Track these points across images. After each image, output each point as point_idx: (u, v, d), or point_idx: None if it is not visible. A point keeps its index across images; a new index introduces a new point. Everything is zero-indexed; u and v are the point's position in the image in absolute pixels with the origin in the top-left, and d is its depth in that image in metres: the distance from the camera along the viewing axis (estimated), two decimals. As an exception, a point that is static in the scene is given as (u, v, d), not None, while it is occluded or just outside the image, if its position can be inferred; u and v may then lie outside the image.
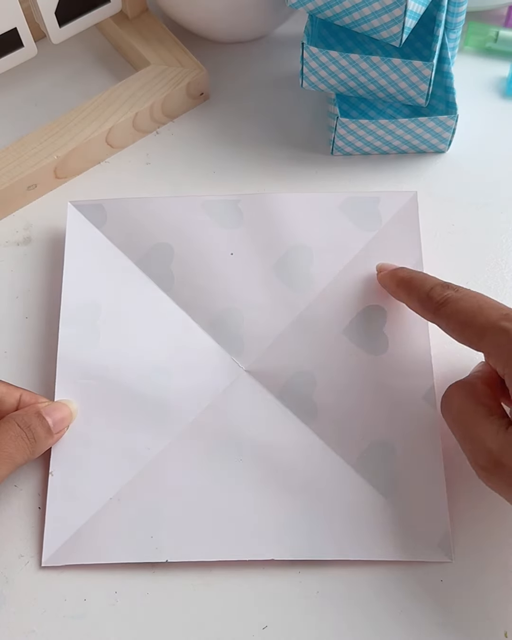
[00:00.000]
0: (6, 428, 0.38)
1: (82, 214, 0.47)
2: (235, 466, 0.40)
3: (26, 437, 0.39)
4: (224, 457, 0.41)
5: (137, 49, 0.53)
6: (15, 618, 0.38)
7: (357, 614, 0.38)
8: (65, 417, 0.41)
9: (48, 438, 0.40)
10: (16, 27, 0.46)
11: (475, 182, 0.51)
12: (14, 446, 0.38)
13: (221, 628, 0.38)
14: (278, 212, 0.47)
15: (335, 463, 0.40)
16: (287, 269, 0.46)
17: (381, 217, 0.47)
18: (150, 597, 0.39)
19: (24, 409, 0.40)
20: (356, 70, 0.48)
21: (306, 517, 0.39)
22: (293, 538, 0.39)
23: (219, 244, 0.46)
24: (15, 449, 0.38)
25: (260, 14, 0.52)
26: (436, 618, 0.38)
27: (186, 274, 0.46)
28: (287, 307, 0.45)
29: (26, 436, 0.39)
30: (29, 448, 0.39)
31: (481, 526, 0.40)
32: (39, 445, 0.39)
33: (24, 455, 0.39)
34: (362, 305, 0.45)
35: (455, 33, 0.51)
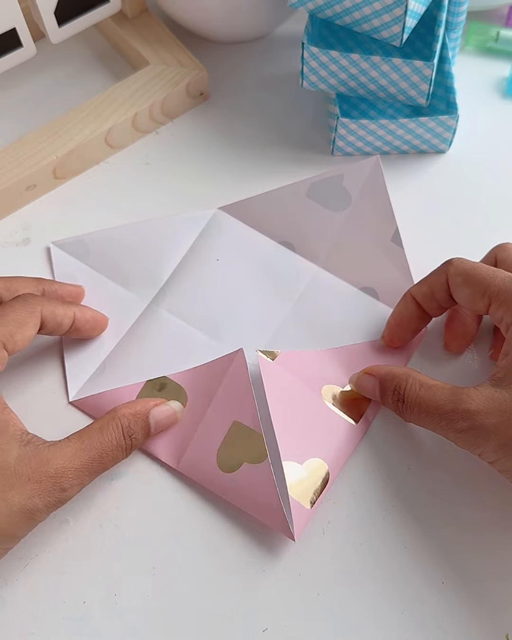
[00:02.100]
0: (112, 433, 0.38)
1: (65, 252, 0.48)
2: None
3: (125, 449, 0.38)
4: None
5: (137, 49, 0.53)
6: (15, 620, 0.38)
7: (357, 616, 0.38)
8: (170, 420, 0.41)
9: (144, 441, 0.40)
10: (15, 27, 0.46)
11: (475, 182, 0.51)
12: (112, 457, 0.38)
13: (221, 630, 0.38)
14: (254, 216, 0.48)
15: None
16: (273, 267, 0.47)
17: (349, 194, 0.47)
18: (149, 599, 0.39)
19: (136, 411, 0.39)
20: (356, 70, 0.47)
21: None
22: None
23: (202, 252, 0.47)
24: (112, 460, 0.38)
25: (260, 14, 0.52)
26: (437, 620, 0.38)
27: (177, 286, 0.46)
28: (281, 300, 0.46)
29: (125, 447, 0.38)
30: (123, 457, 0.38)
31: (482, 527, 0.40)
32: (134, 447, 0.39)
33: (114, 463, 0.38)
34: (352, 288, 0.46)
35: (456, 33, 0.51)
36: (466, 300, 0.40)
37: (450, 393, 0.37)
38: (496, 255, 0.43)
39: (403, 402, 0.39)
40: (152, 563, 0.40)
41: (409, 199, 0.51)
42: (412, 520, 0.40)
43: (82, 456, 0.36)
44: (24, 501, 0.34)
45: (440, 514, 0.41)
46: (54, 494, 0.35)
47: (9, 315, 0.39)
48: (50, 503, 0.35)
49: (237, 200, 0.50)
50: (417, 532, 0.40)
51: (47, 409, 0.43)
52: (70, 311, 0.42)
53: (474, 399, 0.36)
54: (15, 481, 0.34)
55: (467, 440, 0.37)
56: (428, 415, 0.38)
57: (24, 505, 0.34)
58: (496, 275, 0.39)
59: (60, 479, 0.35)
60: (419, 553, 0.40)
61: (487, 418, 0.36)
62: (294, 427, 0.41)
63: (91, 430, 0.38)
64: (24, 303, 0.40)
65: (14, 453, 0.35)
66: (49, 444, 0.36)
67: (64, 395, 0.44)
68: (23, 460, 0.35)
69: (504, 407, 0.36)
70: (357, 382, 0.42)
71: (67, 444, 0.37)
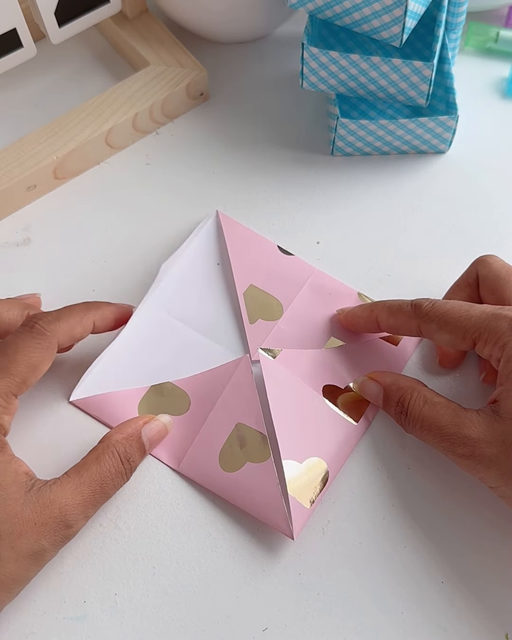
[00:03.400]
0: (109, 461, 0.37)
1: None
2: None
3: (125, 474, 0.38)
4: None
5: (137, 49, 0.53)
6: (15, 619, 0.38)
7: (357, 616, 0.38)
8: (160, 435, 0.41)
9: (140, 463, 0.40)
10: (16, 28, 0.46)
11: (475, 182, 0.51)
12: (113, 485, 0.37)
13: (221, 630, 0.38)
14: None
15: None
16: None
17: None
18: (149, 599, 0.39)
19: (128, 434, 0.39)
20: (356, 70, 0.47)
21: None
22: None
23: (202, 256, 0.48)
24: (113, 487, 0.37)
25: (260, 14, 0.52)
26: (437, 620, 0.38)
27: (180, 290, 0.47)
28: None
29: (125, 472, 0.38)
30: (124, 482, 0.38)
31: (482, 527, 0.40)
32: (131, 472, 0.39)
33: (116, 490, 0.38)
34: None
35: (455, 33, 0.51)
36: (448, 344, 0.39)
37: (453, 414, 0.37)
38: (477, 272, 0.43)
39: (406, 416, 0.39)
40: (152, 563, 0.40)
41: (409, 199, 0.51)
42: (412, 520, 0.41)
43: (84, 490, 0.36)
44: (32, 545, 0.34)
45: (440, 514, 0.41)
46: (59, 532, 0.35)
47: (22, 359, 0.36)
48: (57, 541, 0.35)
49: (237, 200, 0.50)
50: (417, 532, 0.40)
51: (47, 409, 0.43)
52: (89, 321, 0.40)
53: (476, 426, 0.36)
54: (23, 528, 0.34)
55: (468, 465, 0.37)
56: (430, 434, 0.38)
57: (32, 549, 0.35)
58: (470, 315, 0.38)
59: (65, 516, 0.35)
60: (419, 553, 0.40)
61: (488, 447, 0.36)
62: (294, 426, 0.41)
63: (88, 462, 0.37)
64: (40, 338, 0.37)
65: (21, 500, 0.35)
66: (51, 482, 0.36)
67: (64, 394, 0.44)
68: (28, 505, 0.35)
69: (504, 438, 0.36)
70: (361, 387, 0.42)
71: (67, 480, 0.36)
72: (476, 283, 0.43)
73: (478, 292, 0.43)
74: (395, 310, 0.41)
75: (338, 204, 0.51)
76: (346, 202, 0.51)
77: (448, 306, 0.39)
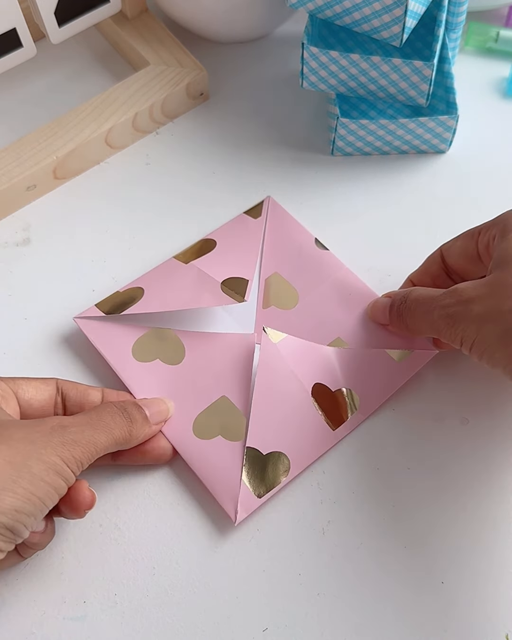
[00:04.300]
0: (103, 406, 0.38)
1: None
2: None
3: (123, 415, 0.38)
4: None
5: (137, 49, 0.53)
6: (15, 620, 0.38)
7: (357, 616, 0.38)
8: (162, 411, 0.41)
9: (145, 425, 0.39)
10: (15, 28, 0.46)
11: (475, 182, 0.51)
12: (111, 419, 0.37)
13: (221, 630, 0.38)
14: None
15: None
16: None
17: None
18: (149, 599, 0.39)
19: (120, 400, 0.40)
20: (356, 70, 0.47)
21: None
22: None
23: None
24: (113, 422, 0.37)
25: (260, 14, 0.52)
26: (437, 620, 0.38)
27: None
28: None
29: (123, 415, 0.38)
30: (127, 426, 0.38)
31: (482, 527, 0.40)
32: (136, 427, 0.39)
33: (121, 431, 0.38)
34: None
35: (456, 33, 0.51)
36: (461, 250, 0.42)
37: (448, 289, 0.38)
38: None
39: (405, 302, 0.41)
40: (152, 563, 0.40)
41: (409, 199, 0.51)
42: (412, 520, 0.41)
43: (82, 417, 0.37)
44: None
45: (440, 514, 0.41)
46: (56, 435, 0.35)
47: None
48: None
49: (237, 200, 0.50)
50: (417, 532, 0.40)
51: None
52: (99, 389, 0.41)
53: (467, 283, 0.37)
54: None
55: (450, 317, 0.37)
56: (422, 305, 0.39)
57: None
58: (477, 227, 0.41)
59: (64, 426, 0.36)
60: (419, 553, 0.40)
61: (473, 291, 0.36)
62: (271, 415, 0.41)
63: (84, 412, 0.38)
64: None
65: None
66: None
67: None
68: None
69: (492, 280, 0.36)
70: (373, 304, 0.44)
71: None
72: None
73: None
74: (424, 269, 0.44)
75: (338, 203, 0.51)
76: (346, 202, 0.51)
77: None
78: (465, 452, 0.42)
